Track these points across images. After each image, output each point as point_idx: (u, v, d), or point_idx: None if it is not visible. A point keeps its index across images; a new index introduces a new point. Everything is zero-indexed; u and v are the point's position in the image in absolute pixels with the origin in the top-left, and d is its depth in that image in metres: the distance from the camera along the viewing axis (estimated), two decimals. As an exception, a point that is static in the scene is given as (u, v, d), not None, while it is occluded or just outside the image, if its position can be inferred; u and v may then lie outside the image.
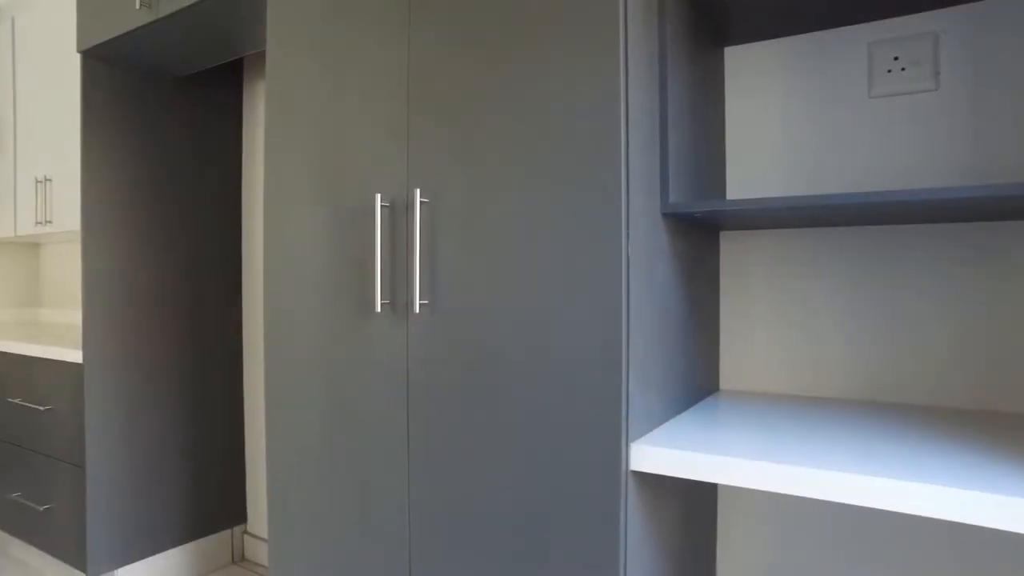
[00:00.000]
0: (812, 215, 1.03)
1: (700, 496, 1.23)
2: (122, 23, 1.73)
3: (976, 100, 1.10)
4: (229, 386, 2.24)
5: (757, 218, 1.08)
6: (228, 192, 2.24)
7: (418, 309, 1.05)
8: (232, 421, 2.25)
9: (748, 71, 1.31)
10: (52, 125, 2.33)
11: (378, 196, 1.10)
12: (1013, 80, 1.07)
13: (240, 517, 2.27)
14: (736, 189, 1.32)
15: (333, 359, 1.20)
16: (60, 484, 1.97)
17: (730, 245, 1.32)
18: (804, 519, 1.24)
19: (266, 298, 1.31)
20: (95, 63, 1.89)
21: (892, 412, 1.09)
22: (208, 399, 2.17)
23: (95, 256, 1.89)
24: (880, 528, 1.17)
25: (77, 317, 2.82)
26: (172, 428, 2.07)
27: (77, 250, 2.83)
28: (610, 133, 0.89)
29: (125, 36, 1.75)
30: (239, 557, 2.27)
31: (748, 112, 1.31)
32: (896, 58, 1.16)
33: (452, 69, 1.04)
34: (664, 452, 0.87)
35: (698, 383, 1.20)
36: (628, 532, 0.89)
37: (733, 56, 1.32)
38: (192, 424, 2.12)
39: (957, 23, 1.12)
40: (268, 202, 1.30)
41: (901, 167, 1.16)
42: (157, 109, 2.04)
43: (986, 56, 1.09)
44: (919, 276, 1.15)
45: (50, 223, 2.33)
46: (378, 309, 1.09)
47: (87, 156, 1.87)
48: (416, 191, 1.05)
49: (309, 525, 1.24)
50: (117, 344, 1.93)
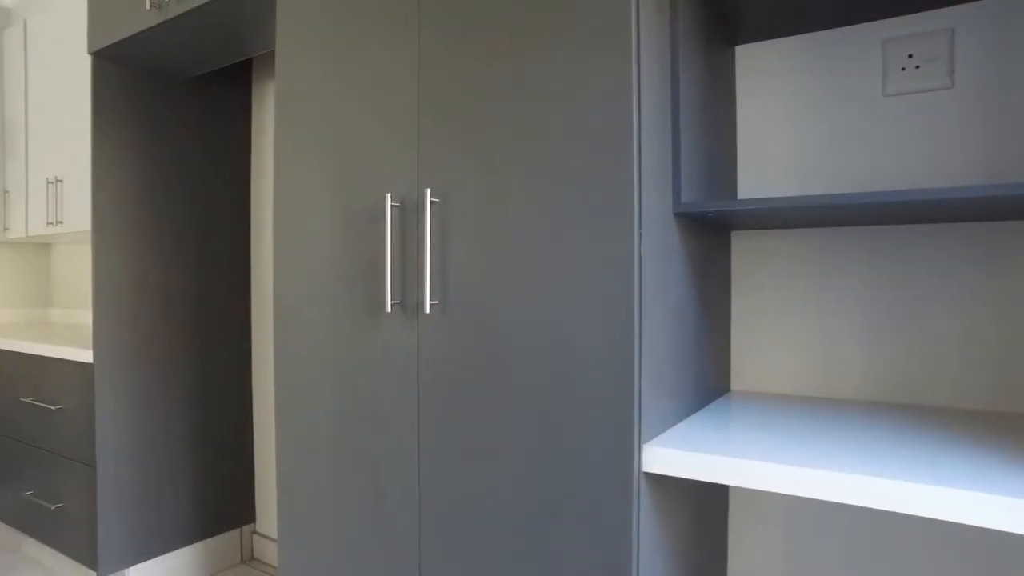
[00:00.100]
0: (824, 215, 1.02)
1: (711, 498, 1.22)
2: (132, 24, 1.74)
3: (992, 98, 1.09)
4: (238, 386, 2.24)
5: (769, 218, 1.07)
6: (237, 192, 2.25)
7: (428, 309, 1.05)
8: (241, 421, 2.25)
9: (760, 70, 1.30)
10: (63, 126, 2.34)
11: (388, 196, 1.09)
12: (1030, 77, 1.06)
13: (249, 516, 2.28)
14: (748, 189, 1.31)
15: (343, 359, 1.20)
16: (71, 483, 1.98)
17: (742, 245, 1.31)
18: (817, 522, 1.23)
19: (276, 298, 1.31)
20: (105, 64, 1.90)
21: (906, 413, 1.08)
22: (217, 399, 2.18)
23: (105, 256, 1.90)
24: (896, 533, 1.16)
25: (88, 317, 2.84)
26: (182, 428, 2.07)
27: (88, 250, 2.85)
28: (622, 132, 0.88)
29: (135, 37, 1.75)
30: (248, 557, 2.28)
31: (760, 111, 1.30)
32: (911, 56, 1.15)
33: (462, 68, 1.04)
34: (677, 454, 0.86)
35: (710, 384, 1.19)
36: (641, 533, 0.89)
37: (745, 55, 1.31)
38: (201, 424, 2.13)
39: (973, 19, 1.10)
40: (277, 202, 1.30)
41: (916, 166, 1.15)
42: (167, 110, 2.05)
43: (1002, 53, 1.08)
44: (933, 276, 1.14)
45: (61, 223, 2.35)
46: (388, 309, 1.09)
47: (97, 157, 1.88)
48: (427, 191, 1.05)
49: (318, 525, 1.24)
50: (127, 344, 1.94)
